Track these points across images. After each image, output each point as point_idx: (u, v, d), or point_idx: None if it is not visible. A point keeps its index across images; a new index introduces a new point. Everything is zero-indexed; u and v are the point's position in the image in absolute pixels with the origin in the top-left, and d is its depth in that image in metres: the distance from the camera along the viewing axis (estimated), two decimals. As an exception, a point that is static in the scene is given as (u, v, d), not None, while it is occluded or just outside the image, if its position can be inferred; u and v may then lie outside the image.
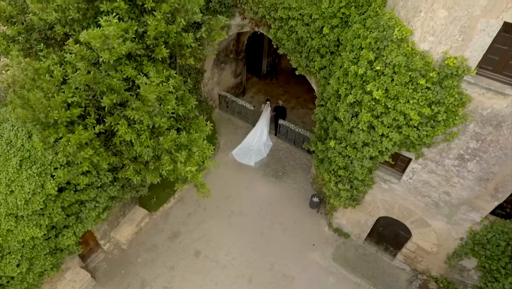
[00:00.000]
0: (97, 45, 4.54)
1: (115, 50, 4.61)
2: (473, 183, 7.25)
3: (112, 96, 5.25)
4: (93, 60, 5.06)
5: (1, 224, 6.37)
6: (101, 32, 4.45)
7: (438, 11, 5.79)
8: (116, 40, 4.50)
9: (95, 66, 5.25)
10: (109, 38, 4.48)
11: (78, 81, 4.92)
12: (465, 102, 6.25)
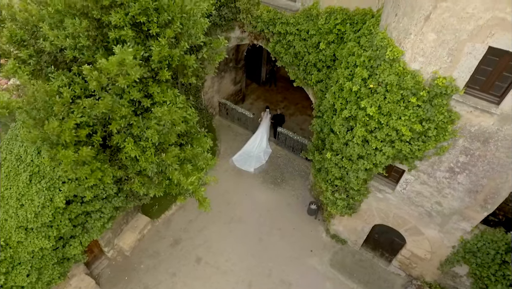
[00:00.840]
0: (114, 72, 4.83)
1: (130, 76, 4.90)
2: (463, 194, 7.57)
3: (120, 121, 5.55)
4: (105, 85, 5.36)
5: (12, 236, 6.67)
6: (118, 60, 4.73)
7: (427, 34, 6.10)
8: (133, 68, 4.79)
9: (103, 90, 5.55)
10: (125, 65, 4.78)
11: (96, 110, 5.21)
12: (454, 120, 6.56)
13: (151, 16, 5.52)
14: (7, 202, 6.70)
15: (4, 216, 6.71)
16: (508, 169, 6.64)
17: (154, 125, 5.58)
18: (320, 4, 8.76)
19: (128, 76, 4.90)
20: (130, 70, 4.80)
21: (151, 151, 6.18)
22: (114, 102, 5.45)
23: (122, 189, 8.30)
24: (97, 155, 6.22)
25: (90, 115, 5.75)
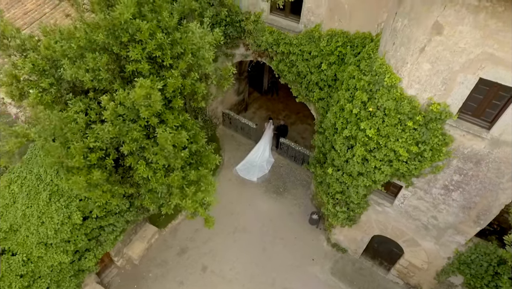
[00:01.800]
0: (140, 103, 5.24)
1: (152, 108, 5.32)
2: (457, 210, 8.00)
3: (132, 144, 5.98)
4: (121, 114, 5.77)
5: (33, 251, 7.10)
6: (144, 93, 5.14)
7: (422, 64, 6.53)
8: (157, 102, 5.21)
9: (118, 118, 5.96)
10: (150, 98, 5.19)
11: (105, 135, 5.62)
12: (448, 142, 6.98)
13: (165, 50, 5.95)
14: (29, 219, 7.13)
15: (25, 233, 7.14)
16: (498, 189, 7.07)
17: (158, 150, 6.00)
18: (322, 26, 9.18)
19: (150, 108, 5.32)
20: (155, 104, 5.22)
21: (161, 172, 6.61)
22: (124, 127, 5.85)
23: (134, 204, 8.73)
24: (110, 177, 6.63)
25: (103, 140, 6.15)
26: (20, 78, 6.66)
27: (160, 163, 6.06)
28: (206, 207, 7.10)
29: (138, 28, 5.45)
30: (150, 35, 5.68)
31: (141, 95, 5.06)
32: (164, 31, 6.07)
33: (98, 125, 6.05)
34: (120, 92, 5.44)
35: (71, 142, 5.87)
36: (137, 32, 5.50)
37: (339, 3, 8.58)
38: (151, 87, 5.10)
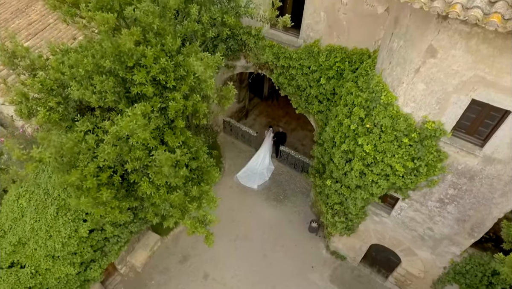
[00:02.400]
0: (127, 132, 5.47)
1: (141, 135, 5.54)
2: (452, 222, 8.23)
3: (135, 163, 6.22)
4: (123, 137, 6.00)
5: (41, 264, 7.34)
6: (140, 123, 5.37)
7: (417, 84, 6.75)
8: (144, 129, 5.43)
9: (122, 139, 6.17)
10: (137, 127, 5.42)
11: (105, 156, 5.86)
12: (443, 159, 7.21)
13: (169, 72, 6.18)
14: (37, 233, 7.37)
15: (34, 246, 7.38)
16: (491, 203, 7.30)
17: (159, 169, 6.23)
18: (321, 42, 9.40)
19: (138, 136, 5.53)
20: (143, 133, 5.42)
21: (164, 189, 6.84)
22: (125, 146, 6.08)
23: (137, 215, 8.96)
24: (117, 193, 6.87)
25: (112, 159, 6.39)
26: (29, 97, 6.90)
27: (161, 182, 6.29)
28: (207, 224, 7.33)
29: (143, 54, 5.68)
30: (154, 60, 5.92)
31: (127, 126, 5.27)
32: (168, 54, 6.31)
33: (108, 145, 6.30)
34: (118, 119, 5.68)
35: (81, 162, 6.10)
36: (142, 58, 5.73)
37: (338, 20, 8.80)
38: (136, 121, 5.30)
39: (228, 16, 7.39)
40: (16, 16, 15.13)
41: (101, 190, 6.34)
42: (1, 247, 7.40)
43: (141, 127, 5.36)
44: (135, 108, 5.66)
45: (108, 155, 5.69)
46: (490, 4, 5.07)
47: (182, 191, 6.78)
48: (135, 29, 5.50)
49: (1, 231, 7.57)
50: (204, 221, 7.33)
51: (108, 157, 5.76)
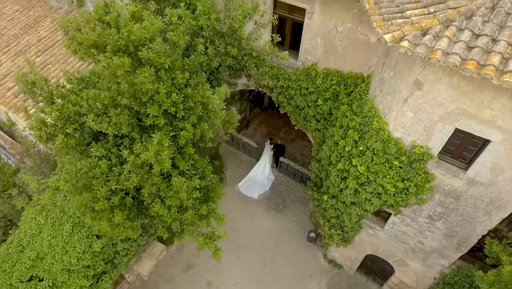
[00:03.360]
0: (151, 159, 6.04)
1: (163, 163, 6.11)
2: (441, 237, 8.80)
3: (152, 188, 6.79)
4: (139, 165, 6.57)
5: (58, 277, 7.89)
6: (154, 154, 5.94)
7: (406, 112, 7.31)
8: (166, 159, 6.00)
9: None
10: (162, 153, 5.99)
11: (129, 185, 6.43)
12: (430, 180, 7.78)
13: (178, 105, 6.75)
14: (54, 248, 7.93)
15: (51, 261, 7.93)
16: (475, 221, 7.87)
17: (174, 194, 6.80)
18: (318, 65, 9.97)
19: (161, 163, 6.11)
20: (164, 161, 6.01)
21: (175, 209, 7.41)
22: (145, 175, 6.66)
23: (146, 229, 9.52)
24: (129, 213, 7.44)
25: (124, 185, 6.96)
26: (48, 124, 7.46)
27: (174, 204, 6.86)
28: (215, 239, 7.90)
29: (157, 91, 6.25)
30: (165, 94, 6.49)
31: (152, 156, 5.84)
32: (177, 87, 6.88)
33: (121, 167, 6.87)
34: (137, 146, 6.25)
35: (95, 186, 6.67)
36: (155, 94, 6.30)
37: (334, 46, 9.37)
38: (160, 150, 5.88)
39: (231, 47, 7.96)
40: (25, 32, 15.69)
41: (114, 212, 6.91)
42: (21, 261, 7.97)
43: (166, 157, 5.91)
44: (156, 137, 6.22)
45: (132, 183, 6.26)
46: (468, 49, 5.65)
47: (192, 210, 7.34)
48: (150, 70, 6.06)
49: (20, 246, 8.14)
50: (212, 237, 7.90)
51: (131, 184, 6.32)
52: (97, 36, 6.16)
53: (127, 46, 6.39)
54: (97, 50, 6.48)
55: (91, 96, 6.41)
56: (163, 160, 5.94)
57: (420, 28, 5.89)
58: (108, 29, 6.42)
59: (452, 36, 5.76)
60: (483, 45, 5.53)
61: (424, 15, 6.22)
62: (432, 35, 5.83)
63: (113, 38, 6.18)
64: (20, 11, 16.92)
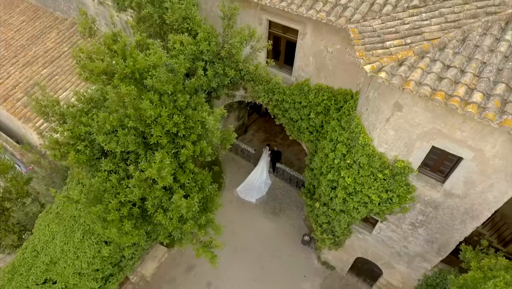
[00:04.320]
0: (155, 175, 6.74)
1: (165, 179, 6.81)
2: (423, 243, 9.50)
3: (154, 200, 7.49)
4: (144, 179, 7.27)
5: (69, 280, 8.60)
6: (157, 171, 6.64)
7: (388, 130, 7.99)
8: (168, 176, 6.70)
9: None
10: (164, 170, 6.69)
11: (133, 197, 7.13)
12: (411, 191, 8.47)
13: (180, 125, 7.43)
14: (66, 254, 8.63)
15: (63, 265, 8.64)
16: (453, 229, 8.56)
17: (175, 208, 7.50)
18: (311, 81, 10.63)
19: (164, 179, 6.81)
20: (166, 177, 6.70)
21: (176, 219, 8.11)
22: (147, 188, 7.37)
23: (150, 235, 10.23)
24: (136, 222, 8.14)
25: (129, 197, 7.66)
26: (61, 143, 8.15)
27: (175, 216, 7.56)
28: (212, 247, 8.61)
29: (159, 114, 6.93)
30: (168, 116, 7.17)
31: (155, 172, 6.55)
32: (179, 108, 7.57)
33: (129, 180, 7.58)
34: (142, 163, 6.95)
35: (106, 199, 7.37)
36: (158, 117, 6.98)
37: (324, 64, 10.03)
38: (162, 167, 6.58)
39: (229, 69, 8.63)
40: (32, 43, 16.34)
41: (123, 222, 7.61)
42: (36, 265, 8.69)
43: (168, 174, 6.62)
44: (158, 156, 6.91)
45: (135, 196, 6.96)
46: (439, 79, 6.32)
47: (192, 220, 8.05)
48: (153, 97, 6.75)
49: (35, 251, 8.85)
50: (209, 245, 8.61)
51: (135, 197, 7.03)
52: (106, 65, 6.83)
53: (133, 73, 7.06)
54: (106, 77, 7.15)
55: (101, 118, 7.09)
56: (165, 176, 6.63)
57: (397, 59, 6.56)
58: (116, 58, 7.09)
59: (425, 67, 6.43)
60: (451, 77, 6.20)
61: (402, 45, 6.89)
62: (407, 66, 6.49)
63: (120, 67, 6.86)
64: (27, 21, 17.54)
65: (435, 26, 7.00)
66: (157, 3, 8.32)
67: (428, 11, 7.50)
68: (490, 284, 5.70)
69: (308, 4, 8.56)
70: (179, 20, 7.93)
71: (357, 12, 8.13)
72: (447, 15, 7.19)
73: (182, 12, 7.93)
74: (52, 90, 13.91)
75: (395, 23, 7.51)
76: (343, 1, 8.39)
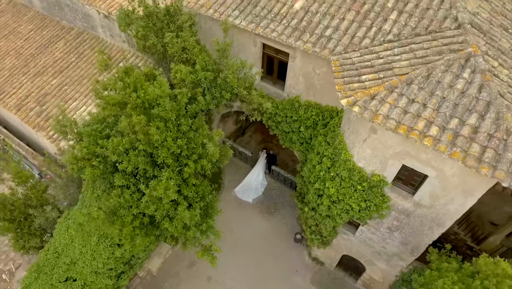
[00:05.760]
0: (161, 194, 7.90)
1: (170, 196, 7.97)
2: (398, 244, 10.73)
3: (163, 212, 8.67)
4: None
5: (87, 278, 9.85)
6: (163, 190, 7.79)
7: (366, 149, 9.10)
8: (173, 192, 7.87)
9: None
10: (169, 190, 7.84)
11: (148, 212, 8.30)
12: (386, 201, 9.64)
13: (183, 146, 8.55)
14: (84, 255, 9.85)
15: (82, 265, 9.87)
16: (423, 234, 9.77)
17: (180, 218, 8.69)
18: (301, 97, 11.68)
19: (169, 196, 7.97)
20: (171, 194, 7.86)
21: (181, 226, 9.31)
22: (158, 203, 8.55)
23: (157, 237, 11.46)
24: (146, 230, 9.34)
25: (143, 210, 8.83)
26: (79, 159, 9.27)
27: (179, 224, 8.76)
28: (212, 250, 9.84)
29: (165, 139, 8.04)
30: (173, 140, 8.28)
31: (162, 192, 7.71)
32: (182, 131, 8.67)
33: (137, 194, 8.74)
34: (151, 182, 8.11)
35: (121, 213, 8.54)
36: (165, 141, 8.09)
37: (313, 84, 11.06)
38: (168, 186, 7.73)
39: (225, 92, 9.69)
40: (41, 52, 17.27)
41: (135, 232, 8.81)
42: (58, 265, 9.93)
43: (173, 192, 7.78)
44: (164, 174, 8.06)
45: (150, 211, 8.15)
46: (404, 113, 7.40)
47: (194, 227, 9.26)
48: (160, 123, 7.84)
49: (56, 253, 10.09)
50: (209, 249, 9.84)
51: (149, 212, 8.21)
52: (121, 97, 7.90)
53: (143, 102, 8.14)
54: (120, 107, 8.23)
55: (115, 142, 8.20)
56: (170, 195, 7.80)
57: (370, 94, 7.62)
58: (128, 89, 8.15)
59: (393, 102, 7.50)
60: (414, 111, 7.28)
61: (375, 80, 7.94)
62: (378, 100, 7.56)
63: (132, 98, 7.93)
64: (35, 30, 18.40)
65: (405, 62, 8.04)
66: (160, 34, 9.30)
67: (400, 46, 8.51)
68: (440, 282, 6.91)
69: (296, 35, 9.56)
70: (179, 51, 8.94)
71: (340, 44, 9.14)
72: (417, 51, 8.22)
73: (181, 44, 8.93)
74: (62, 100, 14.94)
75: (371, 56, 8.53)
76: (327, 33, 9.38)
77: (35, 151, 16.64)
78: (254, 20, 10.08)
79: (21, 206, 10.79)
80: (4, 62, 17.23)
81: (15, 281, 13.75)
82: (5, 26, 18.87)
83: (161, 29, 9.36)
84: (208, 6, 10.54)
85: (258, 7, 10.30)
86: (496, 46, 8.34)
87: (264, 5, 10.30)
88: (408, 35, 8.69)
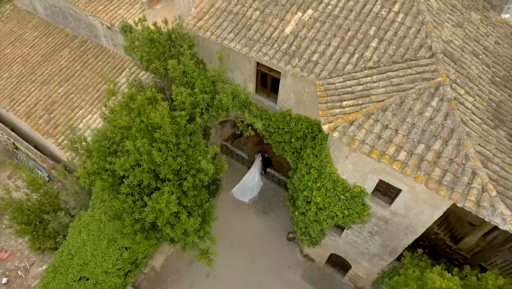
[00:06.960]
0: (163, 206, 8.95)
1: (171, 208, 9.02)
2: (379, 246, 11.85)
3: (164, 220, 9.74)
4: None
5: (98, 277, 11.00)
6: (165, 203, 8.83)
7: (348, 164, 10.10)
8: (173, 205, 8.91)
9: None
10: (170, 204, 8.88)
11: (150, 219, 9.37)
12: (367, 209, 10.70)
13: (182, 163, 9.55)
14: (95, 257, 10.97)
15: (94, 266, 11.00)
16: (399, 238, 10.87)
17: (180, 225, 9.76)
18: (292, 110, 12.62)
19: (169, 208, 9.02)
20: (173, 206, 8.91)
21: (181, 231, 10.40)
22: (159, 213, 9.61)
23: (159, 239, 12.59)
24: (148, 233, 10.43)
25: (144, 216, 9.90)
26: (90, 173, 10.29)
27: (180, 231, 9.84)
28: (208, 254, 10.96)
29: (166, 158, 9.03)
30: (173, 158, 9.28)
31: (163, 205, 8.75)
32: (181, 150, 9.66)
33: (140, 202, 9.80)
34: (154, 194, 9.15)
35: (124, 217, 9.60)
36: (166, 160, 9.09)
37: (303, 100, 11.98)
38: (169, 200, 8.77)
39: (221, 111, 10.63)
40: (46, 60, 18.09)
41: (136, 234, 9.89)
42: (72, 266, 11.07)
43: (173, 205, 8.83)
44: (166, 188, 9.09)
45: (150, 219, 9.22)
46: (378, 138, 8.37)
47: (193, 233, 10.35)
48: (162, 146, 8.83)
49: (70, 254, 11.21)
50: (206, 252, 10.95)
51: (150, 220, 9.28)
52: (126, 122, 8.86)
53: (146, 126, 9.11)
54: (126, 129, 9.20)
55: (122, 161, 9.20)
56: (171, 208, 8.85)
57: (349, 120, 8.57)
58: (133, 113, 9.10)
59: (369, 128, 8.46)
60: (387, 137, 8.25)
61: (355, 106, 8.87)
62: (356, 126, 8.52)
63: (137, 122, 8.89)
64: (40, 37, 19.17)
65: (382, 89, 8.96)
66: (162, 58, 10.18)
67: (379, 73, 9.42)
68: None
69: (286, 59, 10.44)
70: (180, 75, 9.83)
71: (325, 69, 10.03)
72: (393, 78, 9.13)
73: (181, 69, 9.82)
74: (69, 109, 15.86)
75: (352, 82, 9.44)
76: (314, 58, 10.26)
77: (42, 152, 17.62)
78: (248, 44, 10.94)
79: (36, 211, 11.87)
80: (12, 69, 18.06)
81: (30, 277, 14.97)
82: (11, 33, 19.61)
83: (163, 53, 10.23)
84: (206, 28, 11.37)
85: (252, 30, 11.14)
86: (464, 74, 9.24)
87: (257, 28, 11.13)
88: (386, 63, 9.58)
